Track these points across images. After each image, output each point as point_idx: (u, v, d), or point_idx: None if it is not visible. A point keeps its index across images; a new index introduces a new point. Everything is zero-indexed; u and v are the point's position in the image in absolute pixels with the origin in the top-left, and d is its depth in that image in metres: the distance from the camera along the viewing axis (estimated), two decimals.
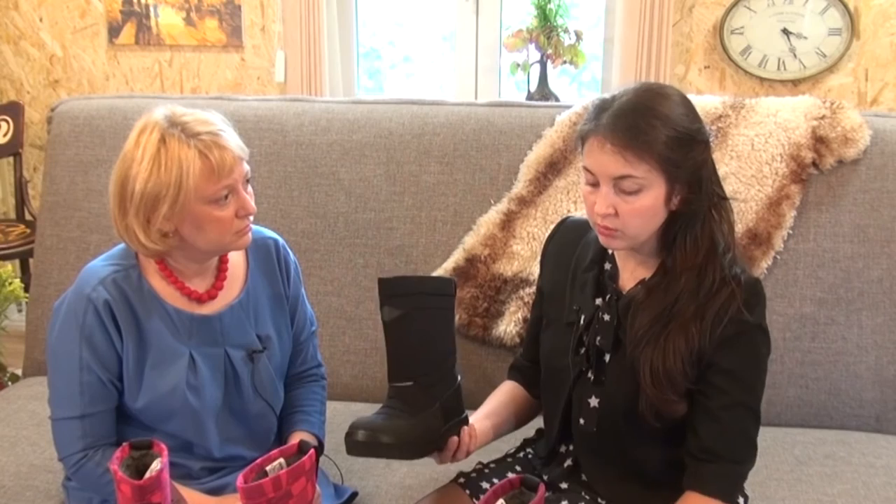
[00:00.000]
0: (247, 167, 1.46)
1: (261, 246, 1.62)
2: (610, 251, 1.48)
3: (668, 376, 1.36)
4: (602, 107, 1.36)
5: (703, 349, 1.37)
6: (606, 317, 1.44)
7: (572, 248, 1.55)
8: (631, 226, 1.36)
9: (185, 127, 1.40)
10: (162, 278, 1.51)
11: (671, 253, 1.39)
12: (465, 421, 1.48)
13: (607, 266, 1.49)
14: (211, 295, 1.54)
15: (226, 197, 1.42)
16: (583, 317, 1.48)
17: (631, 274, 1.45)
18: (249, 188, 1.48)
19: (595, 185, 1.36)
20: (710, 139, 1.38)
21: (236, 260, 1.60)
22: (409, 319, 1.43)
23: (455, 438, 1.45)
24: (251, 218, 1.49)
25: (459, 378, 1.50)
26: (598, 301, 1.47)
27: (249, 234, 1.50)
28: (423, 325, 1.44)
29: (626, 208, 1.34)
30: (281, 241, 1.66)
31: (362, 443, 1.35)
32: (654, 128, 1.31)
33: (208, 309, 1.54)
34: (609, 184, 1.34)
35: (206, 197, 1.40)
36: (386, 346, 1.46)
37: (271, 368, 1.60)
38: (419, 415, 1.40)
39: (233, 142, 1.43)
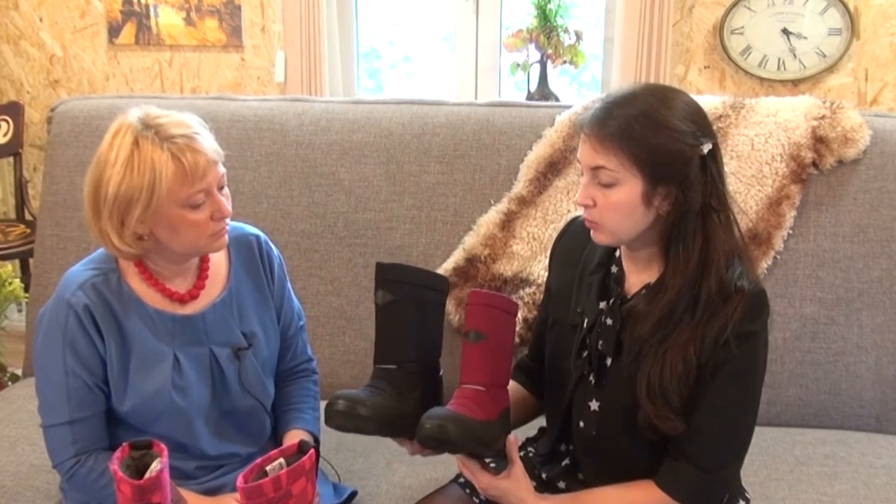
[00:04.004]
0: (222, 170, 1.45)
1: (242, 242, 1.62)
2: (617, 253, 1.48)
3: (665, 396, 1.34)
4: (601, 99, 1.38)
5: (700, 368, 1.35)
6: (609, 321, 1.43)
7: (580, 248, 1.54)
8: (608, 220, 1.36)
9: (158, 129, 1.39)
10: (142, 280, 1.50)
11: (667, 258, 1.38)
12: None
13: (614, 269, 1.48)
14: (192, 295, 1.54)
15: (200, 200, 1.41)
16: (586, 320, 1.47)
17: (637, 278, 1.44)
18: (226, 190, 1.47)
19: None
20: (707, 147, 1.34)
21: (218, 258, 1.59)
22: (401, 306, 1.47)
23: None
24: (227, 220, 1.48)
25: (441, 373, 1.54)
26: (602, 304, 1.46)
27: (225, 237, 1.50)
28: (414, 314, 1.47)
29: (603, 201, 1.35)
30: (263, 236, 1.66)
31: (341, 412, 1.38)
32: (627, 122, 1.31)
33: (191, 309, 1.54)
34: (589, 174, 1.36)
35: (180, 200, 1.40)
36: (375, 329, 1.49)
37: (258, 365, 1.59)
38: (399, 397, 1.44)
39: (207, 145, 1.42)
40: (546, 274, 1.99)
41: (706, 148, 1.34)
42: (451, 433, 1.31)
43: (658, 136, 1.31)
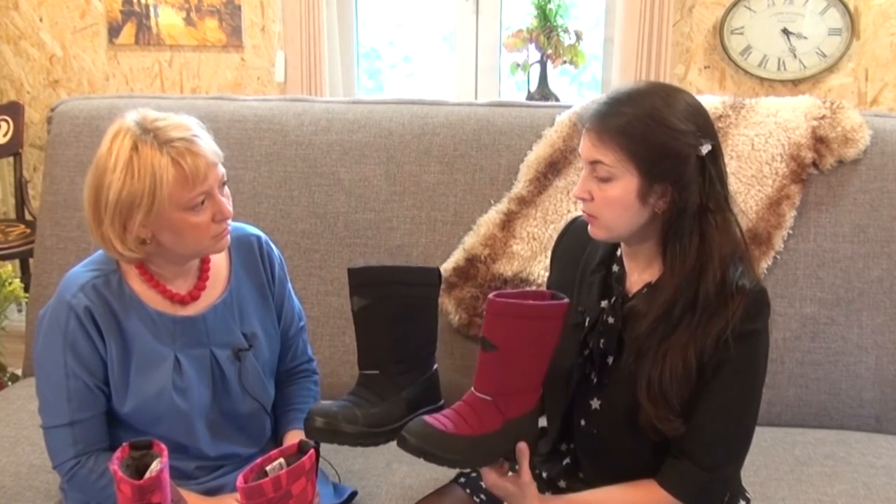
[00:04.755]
0: (222, 170, 1.45)
1: (244, 243, 1.62)
2: (618, 252, 1.48)
3: (665, 397, 1.35)
4: (607, 95, 1.39)
5: (702, 367, 1.36)
6: (610, 320, 1.43)
7: (581, 248, 1.54)
8: (604, 215, 1.37)
9: (157, 133, 1.38)
10: (142, 282, 1.50)
11: (665, 257, 1.38)
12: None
13: (615, 268, 1.48)
14: (193, 296, 1.54)
15: (202, 203, 1.41)
16: (588, 319, 1.47)
17: (638, 277, 1.45)
18: (226, 190, 1.47)
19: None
20: (707, 149, 1.34)
21: (219, 259, 1.59)
22: (377, 309, 1.45)
23: None
24: (229, 221, 1.48)
25: (435, 367, 1.52)
26: (604, 303, 1.46)
27: (227, 238, 1.50)
28: (392, 316, 1.45)
29: (599, 195, 1.36)
30: (264, 237, 1.66)
31: (320, 429, 1.39)
32: (625, 117, 1.32)
33: (192, 310, 1.54)
34: (588, 168, 1.37)
35: (182, 204, 1.39)
36: (355, 335, 1.48)
37: (259, 366, 1.59)
38: (381, 404, 1.43)
39: (206, 147, 1.41)
40: (546, 274, 2.00)
41: (705, 149, 1.34)
42: (431, 456, 1.32)
43: (656, 134, 1.31)
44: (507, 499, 1.43)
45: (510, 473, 1.43)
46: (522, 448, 1.39)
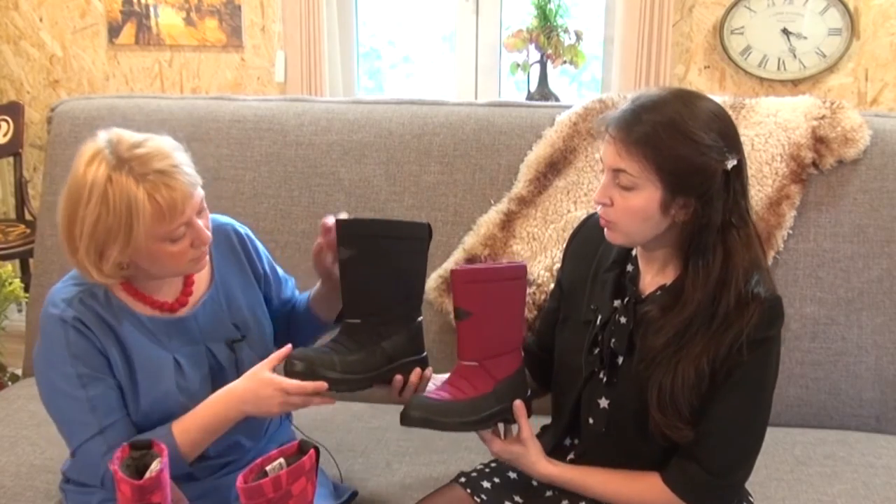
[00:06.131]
0: (201, 194, 1.42)
1: (220, 234, 1.60)
2: (633, 252, 1.48)
3: (675, 405, 1.35)
4: (630, 101, 1.37)
5: (714, 373, 1.35)
6: (623, 319, 1.43)
7: (595, 246, 1.54)
8: (623, 222, 1.37)
9: (132, 165, 1.34)
10: (128, 295, 1.49)
11: (686, 271, 1.37)
12: (422, 361, 1.52)
13: (629, 268, 1.48)
14: (181, 303, 1.53)
15: (181, 234, 1.40)
16: (599, 317, 1.47)
17: (652, 278, 1.44)
18: (206, 212, 1.46)
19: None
20: (732, 163, 1.33)
21: None
22: (363, 260, 1.46)
23: (399, 377, 1.48)
24: (207, 245, 1.47)
25: (420, 319, 1.54)
26: (616, 303, 1.46)
27: (206, 259, 1.49)
28: (379, 267, 1.47)
29: (621, 203, 1.35)
30: (233, 222, 1.65)
31: (299, 373, 1.40)
32: (652, 128, 1.31)
33: (181, 312, 1.53)
34: (610, 174, 1.36)
35: (159, 236, 1.38)
36: (340, 284, 1.49)
37: (254, 354, 1.58)
38: (359, 352, 1.45)
39: (183, 178, 1.38)
40: (546, 274, 2.00)
41: (731, 163, 1.33)
42: (435, 423, 1.38)
43: (683, 148, 1.30)
44: (515, 460, 1.47)
45: (514, 432, 1.47)
46: (519, 405, 1.44)
